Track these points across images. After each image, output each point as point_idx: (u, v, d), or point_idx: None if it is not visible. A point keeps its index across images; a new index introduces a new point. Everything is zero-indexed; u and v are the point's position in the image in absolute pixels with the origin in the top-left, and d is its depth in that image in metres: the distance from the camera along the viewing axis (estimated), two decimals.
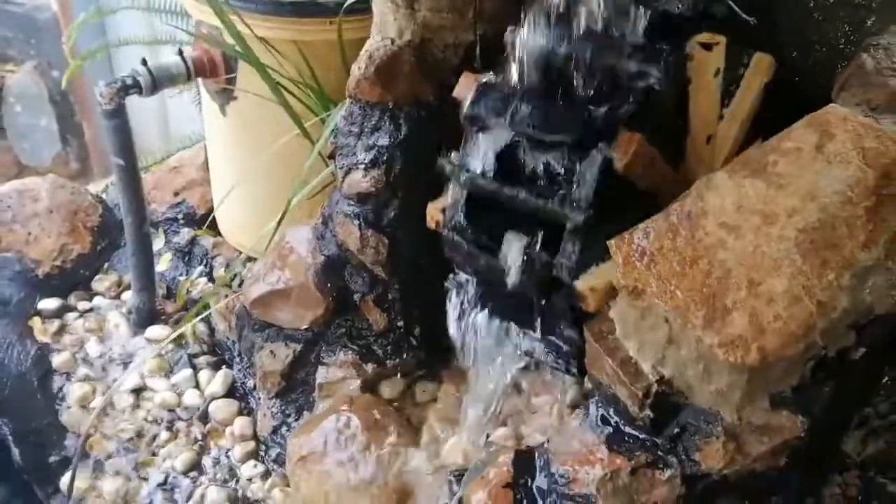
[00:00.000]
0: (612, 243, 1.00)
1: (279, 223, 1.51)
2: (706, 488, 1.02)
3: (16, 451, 1.72)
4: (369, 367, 1.49)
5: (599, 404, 1.09)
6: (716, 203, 0.95)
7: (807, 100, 1.07)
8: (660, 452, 1.03)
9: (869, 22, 1.15)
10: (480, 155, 1.17)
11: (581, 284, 1.07)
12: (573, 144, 1.08)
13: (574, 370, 1.21)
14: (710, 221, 0.95)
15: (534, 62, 1.10)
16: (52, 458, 1.71)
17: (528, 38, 1.09)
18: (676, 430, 1.02)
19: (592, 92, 1.10)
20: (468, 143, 1.17)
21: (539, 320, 1.18)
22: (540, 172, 1.14)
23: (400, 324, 1.47)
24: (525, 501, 1.08)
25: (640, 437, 1.04)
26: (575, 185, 1.07)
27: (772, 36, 1.17)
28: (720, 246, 0.93)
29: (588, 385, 1.24)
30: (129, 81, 1.62)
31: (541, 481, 1.09)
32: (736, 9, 1.03)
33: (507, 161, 1.14)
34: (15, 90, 3.38)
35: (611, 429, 1.07)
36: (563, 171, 1.11)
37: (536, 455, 1.12)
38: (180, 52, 1.67)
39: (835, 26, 1.17)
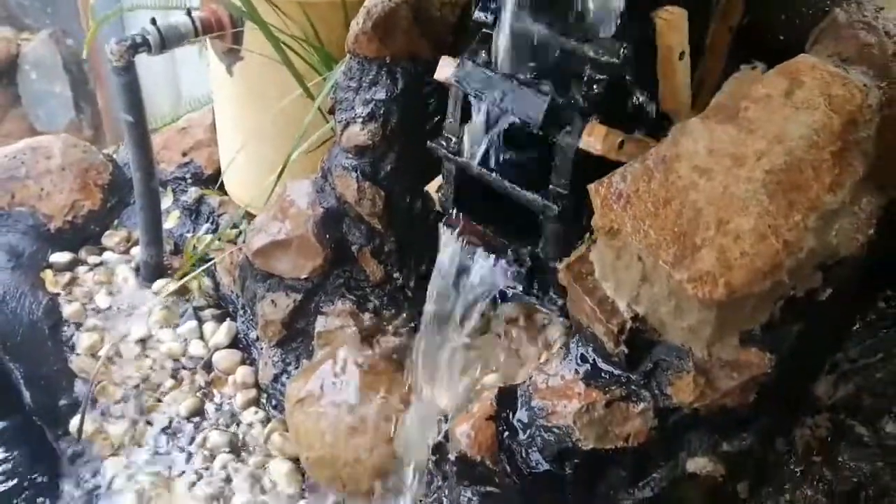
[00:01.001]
0: (591, 187, 1.05)
1: (279, 177, 1.57)
2: (677, 422, 1.07)
3: (27, 395, 1.79)
4: (366, 317, 1.55)
5: (579, 343, 1.14)
6: (689, 147, 1.00)
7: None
8: (633, 387, 1.08)
9: None
10: (468, 140, 1.21)
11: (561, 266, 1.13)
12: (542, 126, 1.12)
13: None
14: (684, 165, 0.99)
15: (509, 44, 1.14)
16: (62, 402, 1.78)
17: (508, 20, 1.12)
18: (650, 365, 1.07)
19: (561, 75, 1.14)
20: (454, 121, 1.22)
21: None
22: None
23: (396, 275, 1.53)
24: (507, 432, 1.14)
25: (616, 372, 1.09)
26: (553, 175, 1.13)
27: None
28: (692, 188, 0.98)
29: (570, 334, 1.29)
30: (138, 40, 1.67)
31: (521, 414, 1.14)
32: None
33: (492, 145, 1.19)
34: (30, 58, 3.45)
35: (588, 366, 1.12)
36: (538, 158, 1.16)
37: (518, 391, 1.17)
38: (188, 12, 1.72)
39: None
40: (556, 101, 1.08)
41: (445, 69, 1.18)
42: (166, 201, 2.05)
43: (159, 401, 1.75)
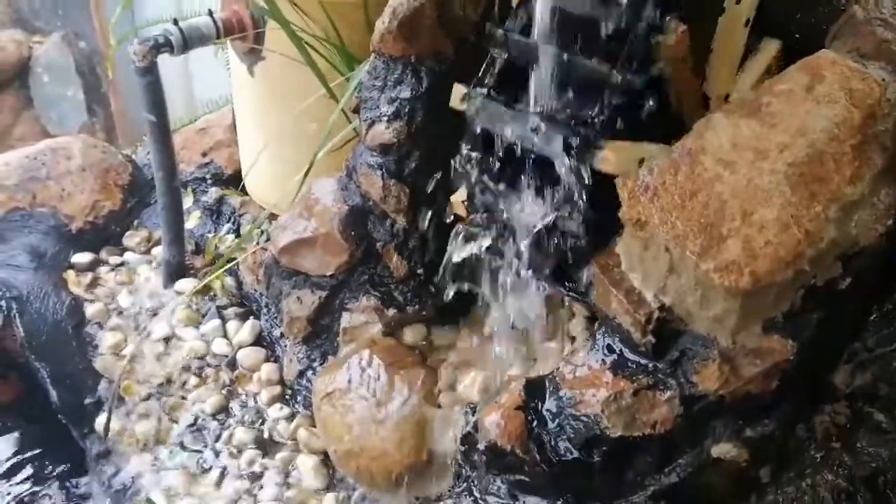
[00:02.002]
0: (618, 180, 1.08)
1: (305, 176, 1.59)
2: (703, 409, 1.10)
3: (53, 394, 1.82)
4: (390, 313, 1.57)
5: (606, 334, 1.17)
6: (714, 141, 1.03)
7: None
8: (660, 376, 1.11)
9: None
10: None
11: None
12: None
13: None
14: (709, 158, 1.03)
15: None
16: (87, 401, 1.81)
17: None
18: (676, 354, 1.10)
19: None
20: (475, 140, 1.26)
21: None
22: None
23: (420, 271, 1.55)
24: (536, 422, 1.17)
25: (643, 362, 1.13)
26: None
27: None
28: (717, 180, 1.01)
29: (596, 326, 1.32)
30: (160, 40, 1.70)
31: (550, 404, 1.17)
32: None
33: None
34: (42, 61, 3.48)
35: (615, 356, 1.15)
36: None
37: (546, 381, 1.20)
38: (210, 13, 1.75)
39: None
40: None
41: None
42: (187, 201, 2.07)
43: (184, 398, 1.77)
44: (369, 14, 1.62)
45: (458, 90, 1.28)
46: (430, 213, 1.46)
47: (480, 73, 1.26)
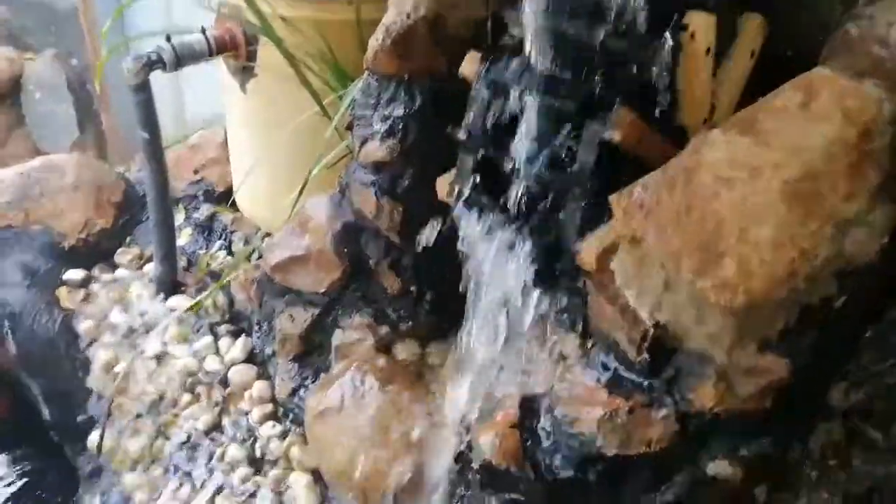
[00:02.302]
0: (612, 198, 1.07)
1: (299, 195, 1.59)
2: (699, 427, 1.10)
3: (45, 411, 1.82)
4: (383, 330, 1.57)
5: (600, 352, 1.16)
6: (710, 158, 1.03)
7: (799, 71, 1.14)
8: (656, 393, 1.10)
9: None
10: (488, 123, 1.24)
11: (581, 247, 1.15)
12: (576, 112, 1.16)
13: (578, 326, 1.29)
14: (705, 175, 1.02)
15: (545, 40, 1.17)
16: (80, 418, 1.81)
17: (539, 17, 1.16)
18: (671, 372, 1.10)
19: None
20: (476, 112, 1.25)
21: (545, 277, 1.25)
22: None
23: (413, 288, 1.55)
24: (531, 440, 1.16)
25: (638, 380, 1.12)
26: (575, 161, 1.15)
27: (769, 13, 1.25)
28: (713, 197, 1.01)
29: (588, 342, 1.32)
30: (153, 57, 1.71)
31: (545, 422, 1.17)
32: None
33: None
34: (34, 78, 3.47)
35: (610, 374, 1.15)
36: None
37: (540, 400, 1.20)
38: (203, 30, 1.75)
39: (826, 5, 1.25)
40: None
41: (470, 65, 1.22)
42: (178, 218, 2.08)
43: (176, 416, 1.77)
44: (362, 32, 1.62)
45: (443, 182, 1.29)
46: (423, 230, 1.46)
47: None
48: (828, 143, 1.00)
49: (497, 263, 1.24)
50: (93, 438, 1.76)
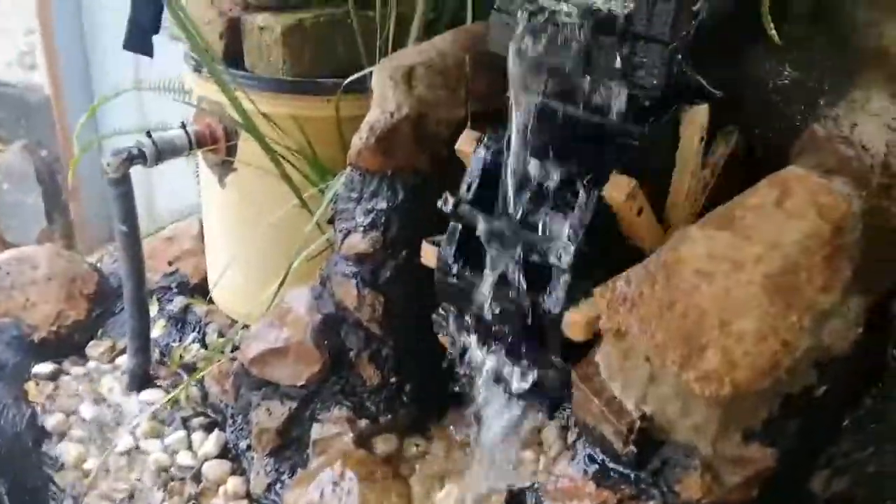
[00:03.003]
0: (596, 291, 1.10)
1: (279, 288, 1.60)
2: None
3: None
4: (362, 423, 1.56)
5: (586, 444, 1.17)
6: (689, 252, 1.06)
7: (770, 168, 1.19)
8: (643, 485, 1.10)
9: (821, 102, 1.29)
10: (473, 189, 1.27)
11: (569, 317, 1.16)
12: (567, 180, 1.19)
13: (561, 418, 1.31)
14: (686, 269, 1.05)
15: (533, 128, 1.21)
16: None
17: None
18: (658, 464, 1.10)
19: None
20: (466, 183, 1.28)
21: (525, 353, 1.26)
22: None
23: (393, 380, 1.55)
24: None
25: (625, 472, 1.12)
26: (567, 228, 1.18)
27: (739, 114, 1.31)
28: (695, 291, 1.04)
29: (570, 438, 1.32)
30: (134, 152, 1.73)
31: None
32: (704, 84, 1.16)
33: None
34: (3, 168, 3.47)
35: (597, 466, 1.15)
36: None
37: (527, 494, 1.19)
38: (183, 125, 1.78)
39: (790, 107, 1.32)
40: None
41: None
42: (152, 310, 2.06)
43: None
44: (341, 128, 1.66)
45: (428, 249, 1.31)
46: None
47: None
48: (804, 237, 1.04)
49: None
50: None
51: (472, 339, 1.29)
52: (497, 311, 1.21)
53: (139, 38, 1.75)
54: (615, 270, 1.12)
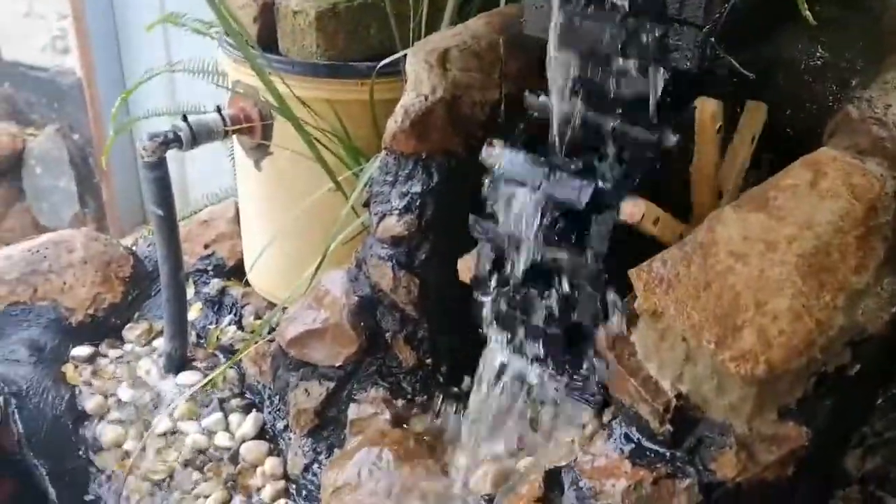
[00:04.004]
0: (632, 272, 1.11)
1: (317, 270, 1.62)
2: (721, 496, 1.11)
3: (52, 492, 1.79)
4: (399, 403, 1.58)
5: (622, 423, 1.19)
6: (724, 234, 1.07)
7: (802, 150, 1.20)
8: (678, 464, 1.12)
9: (854, 83, 1.30)
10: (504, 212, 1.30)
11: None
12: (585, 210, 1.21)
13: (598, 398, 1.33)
14: (720, 250, 1.07)
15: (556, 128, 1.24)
16: (87, 498, 1.79)
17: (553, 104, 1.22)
18: (693, 442, 1.12)
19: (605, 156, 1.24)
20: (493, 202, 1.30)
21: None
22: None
23: (428, 361, 1.57)
24: None
25: (661, 450, 1.14)
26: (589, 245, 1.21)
27: (770, 94, 1.32)
28: (729, 271, 1.05)
29: (605, 418, 1.34)
30: (170, 136, 1.75)
31: (569, 495, 1.18)
32: (738, 66, 1.17)
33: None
34: (36, 152, 3.52)
35: (633, 445, 1.17)
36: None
37: (564, 472, 1.21)
38: (218, 109, 1.80)
39: (823, 88, 1.32)
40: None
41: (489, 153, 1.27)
42: (188, 293, 2.09)
43: (186, 494, 1.75)
44: (374, 111, 1.67)
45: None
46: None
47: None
48: (837, 218, 1.05)
49: None
50: None
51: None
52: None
53: None
54: None
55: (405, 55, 1.49)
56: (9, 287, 2.03)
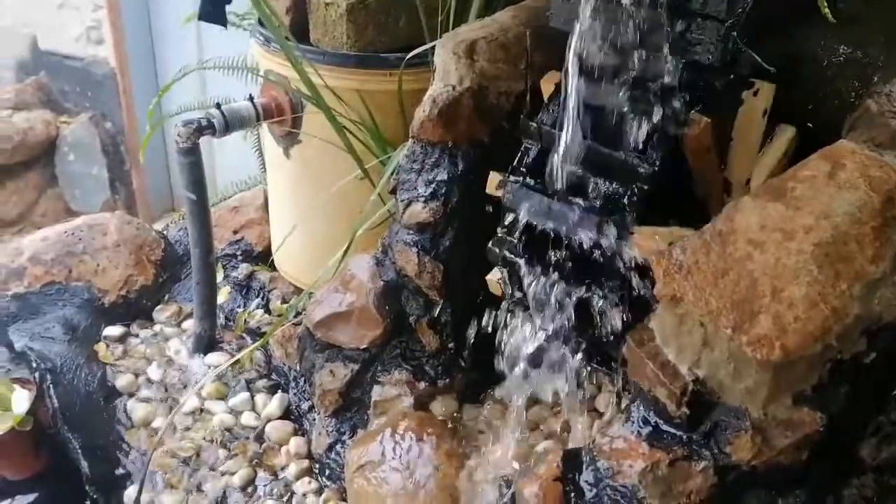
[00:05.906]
0: (653, 258, 1.14)
1: (344, 255, 1.66)
2: (736, 479, 1.14)
3: (84, 465, 1.85)
4: (422, 386, 1.62)
5: (640, 406, 1.22)
6: (742, 223, 1.10)
7: (821, 143, 1.22)
8: (695, 446, 1.15)
9: (875, 78, 1.31)
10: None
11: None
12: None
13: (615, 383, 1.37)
14: (739, 238, 1.09)
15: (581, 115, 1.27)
16: (118, 472, 1.84)
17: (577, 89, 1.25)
18: (709, 425, 1.15)
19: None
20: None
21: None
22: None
23: (451, 345, 1.61)
24: (574, 493, 1.21)
25: (677, 433, 1.17)
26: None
27: (792, 89, 1.34)
28: (747, 259, 1.08)
29: (624, 401, 1.37)
30: (204, 123, 1.79)
31: (587, 475, 1.21)
32: (759, 60, 1.19)
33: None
34: (69, 139, 3.59)
35: (651, 427, 1.19)
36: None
37: (583, 453, 1.24)
38: (251, 98, 1.85)
39: (844, 83, 1.34)
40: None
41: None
42: (217, 277, 2.14)
43: (212, 471, 1.80)
44: (402, 101, 1.71)
45: (494, 177, 1.37)
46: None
47: (515, 161, 1.35)
48: (854, 208, 1.08)
49: None
50: (130, 493, 1.79)
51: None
52: None
53: (214, 8, 1.80)
54: None
55: (433, 46, 1.53)
56: (45, 267, 2.09)
